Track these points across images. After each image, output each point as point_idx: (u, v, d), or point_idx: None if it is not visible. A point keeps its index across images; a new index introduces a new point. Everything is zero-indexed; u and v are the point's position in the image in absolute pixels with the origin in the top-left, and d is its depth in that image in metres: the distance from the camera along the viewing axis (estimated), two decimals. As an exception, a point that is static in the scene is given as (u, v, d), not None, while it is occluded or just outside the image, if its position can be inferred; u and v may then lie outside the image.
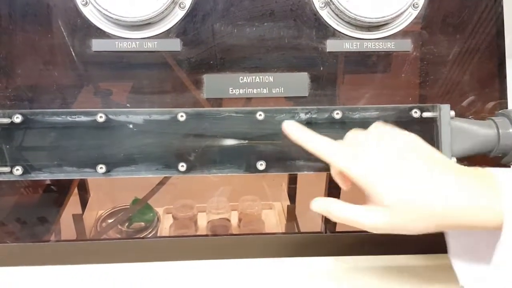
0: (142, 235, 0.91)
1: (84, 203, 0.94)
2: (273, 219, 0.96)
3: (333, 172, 0.49)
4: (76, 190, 0.89)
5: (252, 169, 0.54)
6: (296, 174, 0.90)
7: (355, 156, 0.43)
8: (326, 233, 0.65)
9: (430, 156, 0.43)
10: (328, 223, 0.80)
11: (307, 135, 0.47)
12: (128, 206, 0.95)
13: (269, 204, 0.98)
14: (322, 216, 0.81)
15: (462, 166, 0.43)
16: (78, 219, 0.84)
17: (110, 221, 0.95)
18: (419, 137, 0.45)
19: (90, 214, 0.95)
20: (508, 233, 0.40)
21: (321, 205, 0.46)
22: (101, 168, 0.53)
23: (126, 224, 0.94)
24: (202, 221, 0.95)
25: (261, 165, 0.54)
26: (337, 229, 0.79)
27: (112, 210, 0.96)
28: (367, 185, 0.42)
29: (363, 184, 0.42)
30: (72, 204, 0.91)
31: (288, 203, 0.95)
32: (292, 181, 0.96)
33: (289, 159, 0.54)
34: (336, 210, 0.44)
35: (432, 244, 0.57)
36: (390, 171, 0.41)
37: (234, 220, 0.94)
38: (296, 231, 0.90)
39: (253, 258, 0.60)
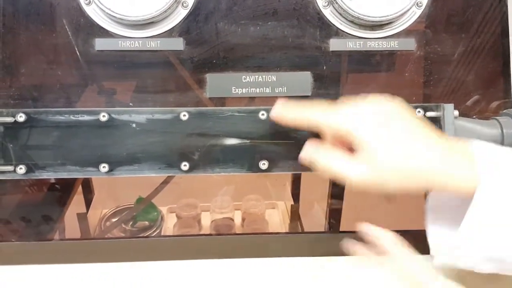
0: (146, 234, 0.91)
1: (88, 202, 0.95)
2: (276, 219, 0.96)
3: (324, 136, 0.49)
4: (80, 189, 0.90)
5: (255, 168, 0.54)
6: (300, 173, 0.90)
7: (347, 113, 0.45)
8: (330, 232, 0.65)
9: (413, 122, 0.45)
10: (331, 222, 0.80)
11: (300, 114, 0.48)
12: (132, 205, 0.96)
13: (272, 203, 0.98)
14: (326, 215, 0.81)
15: (442, 134, 0.46)
16: (82, 218, 0.84)
17: (114, 220, 0.96)
18: (405, 105, 0.47)
19: (94, 213, 0.95)
20: (480, 198, 0.42)
21: (310, 151, 0.48)
22: (104, 167, 0.53)
23: (130, 223, 0.94)
24: (206, 221, 0.95)
25: (263, 164, 0.54)
26: (341, 228, 0.79)
27: (116, 209, 0.96)
28: (357, 134, 0.44)
29: (354, 136, 0.44)
30: (77, 203, 0.92)
31: (292, 202, 0.95)
32: (296, 180, 0.96)
33: (291, 159, 0.54)
34: (323, 156, 0.46)
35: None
36: (378, 127, 0.44)
37: (237, 220, 0.95)
38: (300, 230, 0.91)
39: (257, 258, 0.60)
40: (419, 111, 0.54)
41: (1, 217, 0.57)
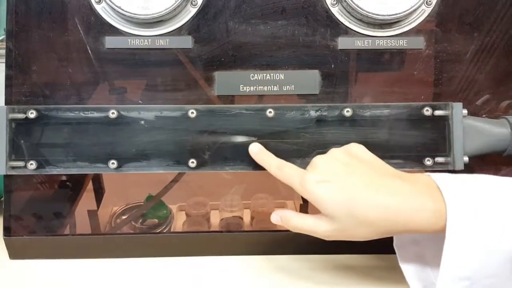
0: (156, 231, 0.91)
1: (99, 199, 0.95)
2: (285, 218, 0.95)
3: None
4: (90, 187, 0.90)
5: (262, 166, 0.54)
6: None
7: (305, 180, 0.47)
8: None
9: (371, 168, 0.47)
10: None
11: (269, 161, 0.52)
12: (142, 203, 0.96)
13: (282, 202, 0.97)
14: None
15: (401, 172, 0.47)
16: (93, 215, 0.85)
17: (124, 217, 0.96)
18: (362, 148, 0.49)
19: (104, 210, 0.95)
20: (453, 232, 0.40)
21: (280, 216, 0.51)
22: (112, 163, 0.54)
23: (140, 220, 0.94)
24: (215, 219, 0.94)
25: (271, 162, 0.54)
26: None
27: (126, 207, 0.96)
28: (316, 202, 0.46)
29: (312, 202, 0.47)
30: (88, 200, 0.92)
31: (301, 202, 0.94)
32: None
33: (299, 157, 0.54)
34: (294, 221, 0.49)
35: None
36: (333, 190, 0.45)
37: (246, 218, 0.94)
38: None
39: (265, 255, 0.60)
40: (427, 110, 0.54)
41: (13, 213, 0.57)
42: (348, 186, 0.45)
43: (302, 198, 0.96)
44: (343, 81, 0.57)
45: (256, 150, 0.54)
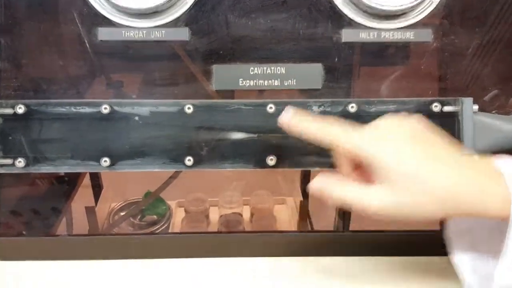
0: (154, 228, 0.89)
1: (97, 195, 0.92)
2: (285, 215, 0.92)
3: (337, 157, 0.44)
4: (87, 183, 0.87)
5: (262, 164, 0.50)
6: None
7: (364, 135, 0.40)
8: (343, 232, 0.60)
9: (439, 142, 0.40)
10: (342, 220, 0.76)
11: (315, 126, 0.43)
12: (141, 199, 0.93)
13: (281, 199, 0.94)
14: (336, 213, 0.78)
15: (470, 154, 0.42)
16: (90, 211, 0.82)
17: (122, 214, 0.93)
18: (427, 122, 0.42)
19: (102, 207, 0.93)
20: None
21: (319, 184, 0.42)
22: (105, 161, 0.50)
23: (139, 217, 0.92)
24: (214, 215, 0.92)
25: (271, 160, 0.50)
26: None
27: (125, 203, 0.94)
28: (375, 159, 0.38)
29: (372, 161, 0.39)
30: (84, 197, 0.89)
31: (301, 198, 0.91)
32: (305, 176, 0.92)
33: (301, 154, 0.50)
34: (335, 188, 0.41)
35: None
36: (400, 149, 0.38)
37: (246, 215, 0.91)
38: (309, 227, 0.87)
39: (265, 257, 0.56)
40: (436, 106, 0.50)
41: (2, 212, 0.54)
42: (415, 150, 0.38)
43: (302, 194, 0.93)
44: (347, 75, 0.53)
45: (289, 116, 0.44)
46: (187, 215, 0.92)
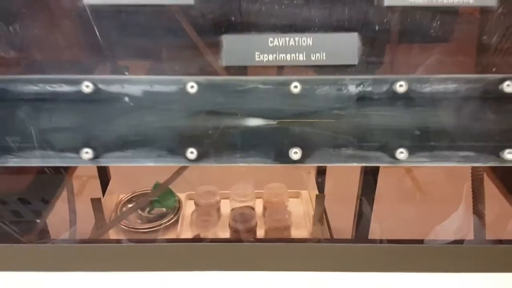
0: (163, 221, 0.75)
1: (104, 186, 0.80)
2: (300, 209, 0.77)
3: None
4: (92, 174, 0.75)
5: (284, 158, 0.35)
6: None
7: None
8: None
9: None
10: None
11: None
12: (149, 191, 0.80)
13: (296, 192, 0.79)
14: (354, 216, 0.63)
15: None
16: (97, 203, 0.68)
17: (130, 205, 0.80)
18: None
19: (110, 198, 0.79)
20: None
21: None
22: (86, 153, 0.34)
23: (147, 209, 0.79)
24: (226, 209, 0.78)
25: (295, 153, 0.34)
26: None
27: (133, 195, 0.80)
28: None
29: None
30: (92, 187, 0.78)
31: (317, 192, 0.76)
32: (321, 168, 0.77)
33: (332, 146, 0.35)
34: None
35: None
36: None
37: (258, 209, 0.76)
38: (325, 222, 0.72)
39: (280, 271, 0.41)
40: (508, 85, 0.34)
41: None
42: None
43: (318, 188, 0.78)
44: (389, 48, 0.37)
45: None
46: (197, 208, 0.77)
